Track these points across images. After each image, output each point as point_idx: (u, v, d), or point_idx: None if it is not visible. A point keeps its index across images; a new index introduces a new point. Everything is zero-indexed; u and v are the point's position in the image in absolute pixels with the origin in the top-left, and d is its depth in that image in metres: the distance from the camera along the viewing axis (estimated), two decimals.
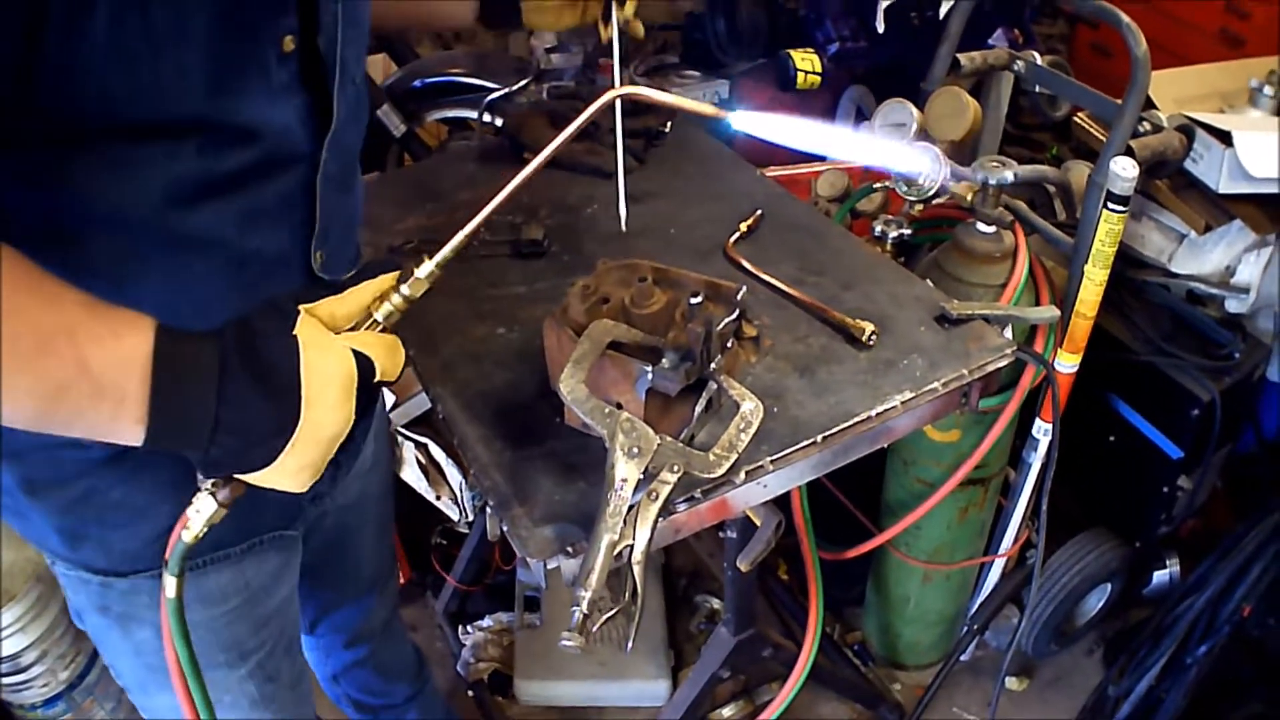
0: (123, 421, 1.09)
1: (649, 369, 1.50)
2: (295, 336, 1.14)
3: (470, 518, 3.08)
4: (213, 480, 1.20)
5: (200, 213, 1.24)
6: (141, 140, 1.15)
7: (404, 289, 1.26)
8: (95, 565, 1.50)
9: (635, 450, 1.40)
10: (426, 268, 1.28)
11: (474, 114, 2.88)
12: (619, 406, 1.46)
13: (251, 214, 1.30)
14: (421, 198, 2.35)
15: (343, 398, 1.16)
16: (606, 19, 1.94)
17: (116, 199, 1.18)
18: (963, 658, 3.04)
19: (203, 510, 1.21)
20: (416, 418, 3.02)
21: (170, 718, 1.64)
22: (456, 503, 3.03)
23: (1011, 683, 3.26)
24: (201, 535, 1.23)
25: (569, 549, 1.50)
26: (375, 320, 1.25)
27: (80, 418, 1.08)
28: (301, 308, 1.18)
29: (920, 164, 2.11)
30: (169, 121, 1.15)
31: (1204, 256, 2.63)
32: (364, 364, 1.18)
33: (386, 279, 1.27)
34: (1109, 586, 3.14)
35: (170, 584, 1.26)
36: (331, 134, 1.37)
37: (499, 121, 2.68)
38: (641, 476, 1.39)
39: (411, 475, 3.01)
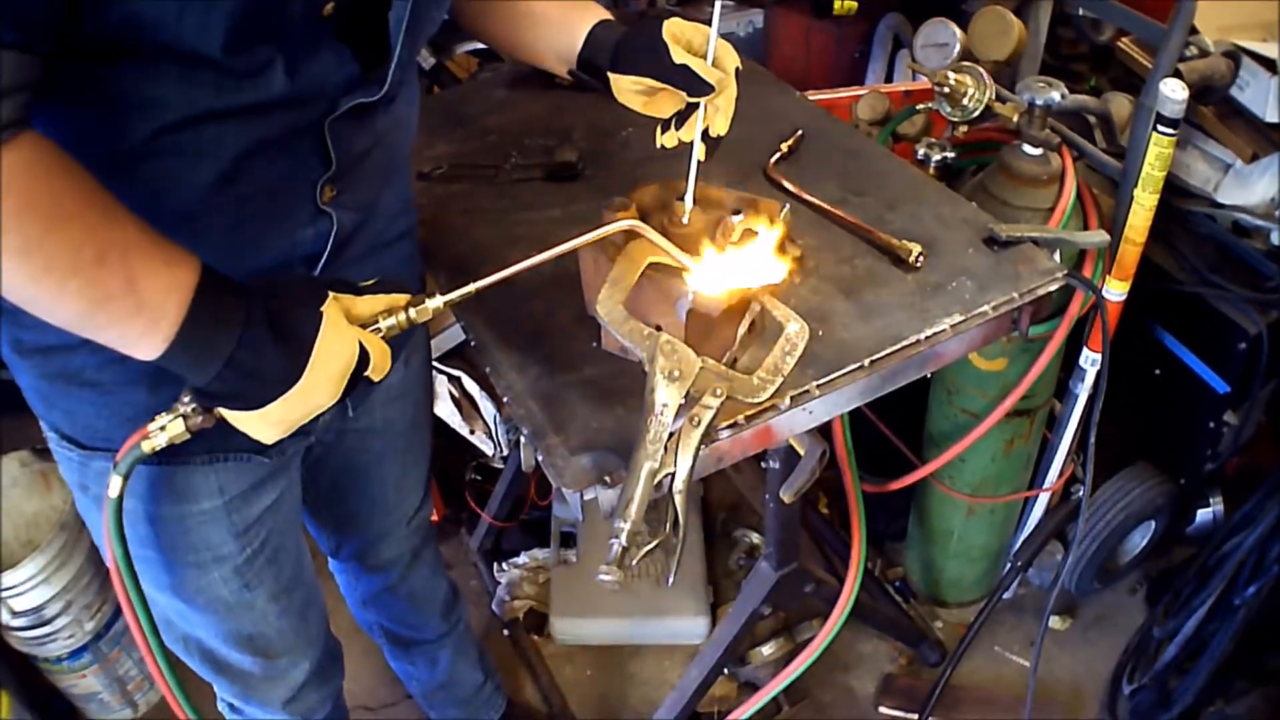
0: (150, 339, 1.19)
1: (689, 289, 1.43)
2: (321, 313, 1.27)
3: (505, 452, 3.04)
4: (191, 406, 1.32)
5: (203, 131, 1.28)
6: (159, 62, 1.19)
7: (412, 312, 1.37)
8: (63, 430, 1.57)
9: (676, 374, 1.35)
10: (436, 301, 1.38)
11: None
12: (658, 329, 1.41)
13: (257, 138, 1.33)
14: (451, 123, 2.31)
15: (339, 377, 1.29)
16: None
17: (126, 113, 1.23)
18: (1004, 596, 2.98)
19: (169, 430, 1.33)
20: (449, 351, 2.98)
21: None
22: (491, 437, 2.99)
23: (1054, 621, 3.20)
24: (159, 449, 1.34)
25: (607, 479, 1.46)
26: (379, 328, 1.36)
27: (113, 327, 1.18)
28: (330, 294, 1.29)
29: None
30: (188, 53, 1.18)
31: (1250, 187, 2.55)
32: (363, 356, 1.31)
33: (399, 297, 1.38)
34: (1153, 524, 3.08)
35: (115, 483, 1.37)
36: (384, 91, 1.42)
37: None
38: (683, 401, 1.35)
39: (445, 410, 2.97)
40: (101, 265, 1.12)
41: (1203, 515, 3.08)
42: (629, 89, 1.66)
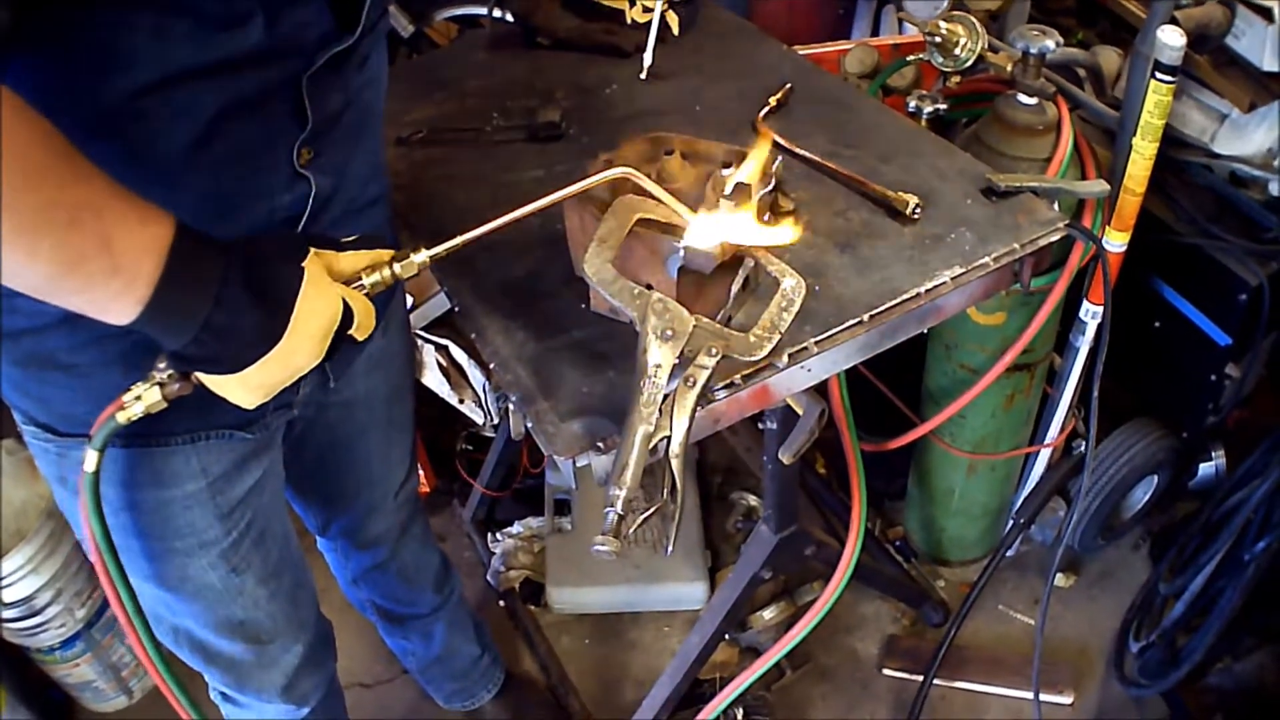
0: (124, 300, 1.14)
1: (680, 245, 1.38)
2: (302, 269, 1.24)
3: (495, 421, 3.01)
4: (168, 373, 1.27)
5: (179, 90, 1.23)
6: (136, 11, 1.14)
7: (396, 267, 1.34)
8: (37, 418, 1.52)
9: (669, 333, 1.30)
10: (421, 255, 1.35)
11: (483, 10, 2.76)
12: (649, 287, 1.36)
13: (234, 97, 1.28)
14: (430, 87, 2.27)
15: (322, 336, 1.26)
16: None
17: (100, 69, 1.18)
18: (1007, 554, 2.95)
19: (145, 399, 1.28)
20: (436, 319, 2.93)
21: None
22: (480, 406, 2.95)
23: (1058, 579, 3.17)
24: (135, 419, 1.29)
25: (600, 444, 1.43)
26: (362, 284, 1.32)
27: (87, 289, 1.13)
28: (311, 250, 1.27)
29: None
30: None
31: (1247, 137, 2.50)
32: (346, 315, 1.28)
33: (383, 253, 1.36)
34: (1155, 478, 3.06)
35: (91, 458, 1.34)
36: (353, 42, 1.38)
37: (509, 16, 2.58)
38: (676, 361, 1.30)
39: (433, 379, 2.93)
40: (74, 225, 1.07)
41: (1204, 469, 3.06)
42: None
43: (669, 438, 1.28)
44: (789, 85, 2.09)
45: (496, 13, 2.61)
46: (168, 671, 1.59)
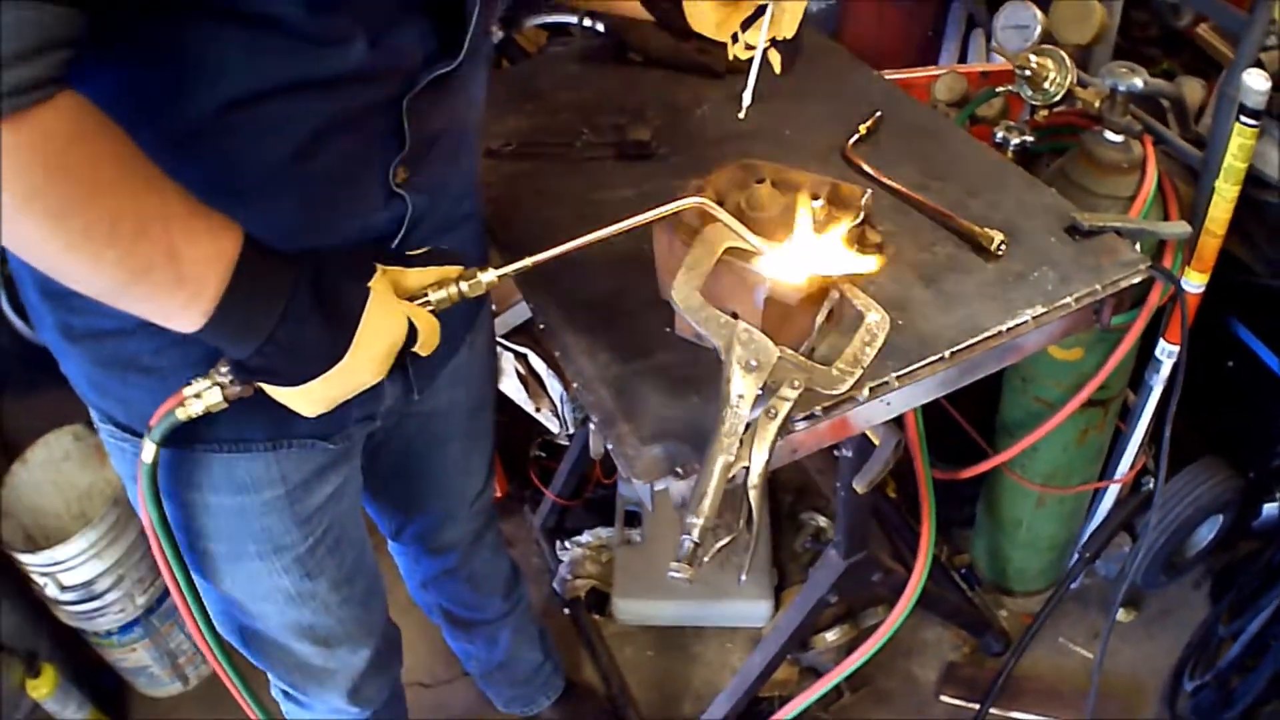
0: (190, 312, 1.16)
1: (768, 277, 1.40)
2: (369, 288, 1.26)
3: (570, 430, 3.02)
4: (229, 376, 1.29)
5: (274, 105, 1.23)
6: (224, 24, 1.14)
7: (464, 285, 1.36)
8: (117, 419, 1.53)
9: (753, 363, 1.31)
10: (490, 275, 1.37)
11: (574, 19, 2.77)
12: (734, 316, 1.37)
13: (331, 115, 1.28)
14: (521, 98, 2.27)
15: (386, 355, 1.28)
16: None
17: (187, 82, 1.18)
18: (1071, 586, 2.94)
19: (205, 398, 1.31)
20: (516, 327, 2.95)
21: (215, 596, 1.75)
22: (556, 415, 2.96)
23: (1119, 614, 3.15)
24: (194, 417, 1.33)
25: (678, 470, 1.43)
26: (428, 301, 1.34)
27: (152, 299, 1.15)
28: (379, 267, 1.29)
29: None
30: (256, 15, 1.14)
31: None
32: (411, 331, 1.30)
33: (450, 270, 1.37)
34: (1220, 518, 3.03)
35: (149, 450, 1.38)
36: (458, 63, 1.37)
37: (600, 26, 2.58)
38: (760, 392, 1.31)
39: (510, 386, 2.94)
40: (141, 235, 1.08)
41: (1269, 510, 3.02)
42: (703, 8, 1.63)
43: (748, 468, 1.29)
44: (879, 113, 2.08)
45: (587, 22, 2.63)
46: (228, 661, 1.63)
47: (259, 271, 1.19)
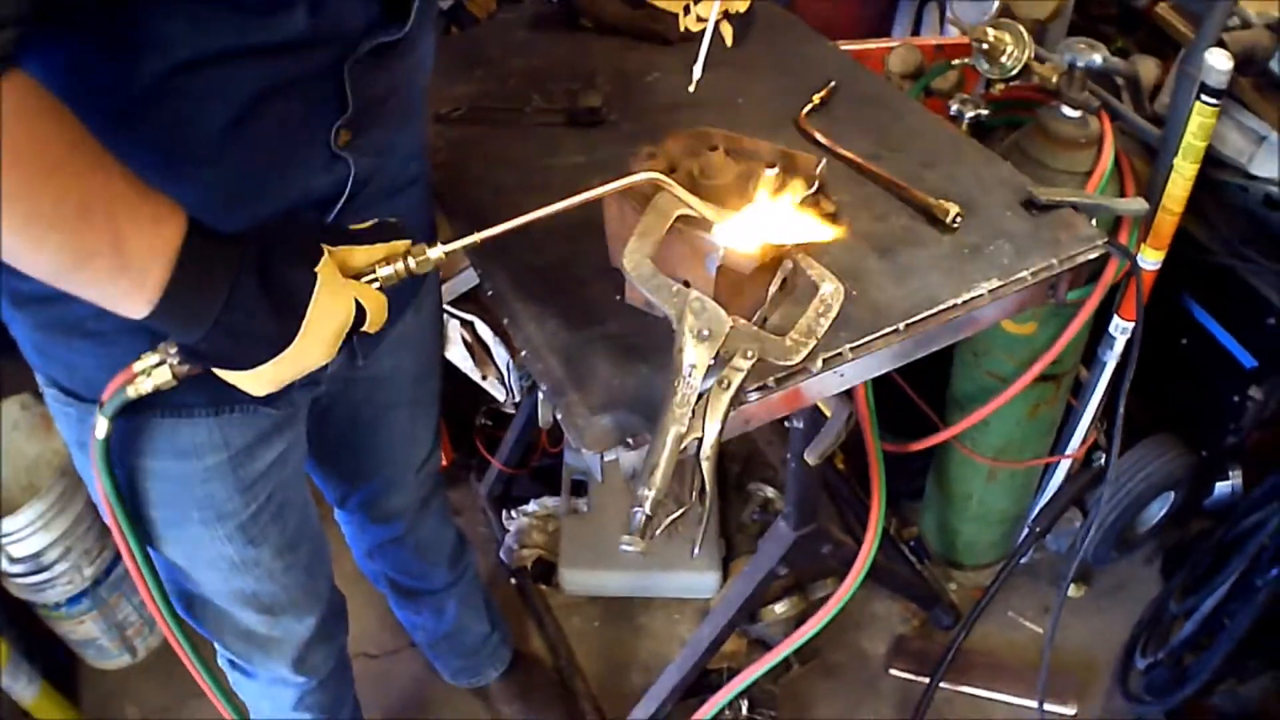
0: (134, 299, 1.15)
1: (721, 245, 1.37)
2: (316, 273, 1.22)
3: (517, 399, 3.00)
4: (178, 356, 1.29)
5: (216, 72, 1.21)
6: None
7: (411, 262, 1.32)
8: (61, 383, 1.53)
9: (705, 333, 1.29)
10: (437, 251, 1.33)
11: None
12: (686, 285, 1.35)
13: (273, 80, 1.26)
14: (470, 64, 2.25)
15: (334, 337, 1.26)
16: None
17: (133, 53, 1.16)
18: (1021, 561, 2.95)
19: (155, 376, 1.31)
20: (462, 294, 2.93)
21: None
22: (503, 383, 2.94)
23: (1069, 589, 3.16)
24: (144, 394, 1.32)
25: (629, 440, 1.42)
26: (375, 277, 1.31)
27: (96, 284, 1.14)
28: (325, 249, 1.25)
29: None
30: None
31: None
32: (359, 311, 1.27)
33: (399, 245, 1.33)
34: (1172, 495, 3.05)
35: (102, 425, 1.39)
36: (406, 30, 1.37)
37: None
38: (712, 362, 1.29)
39: (457, 354, 2.92)
40: (85, 219, 1.07)
41: (1221, 488, 3.04)
42: None
43: (700, 439, 1.27)
44: (833, 83, 2.07)
45: None
46: (180, 629, 1.62)
47: (203, 259, 1.17)
